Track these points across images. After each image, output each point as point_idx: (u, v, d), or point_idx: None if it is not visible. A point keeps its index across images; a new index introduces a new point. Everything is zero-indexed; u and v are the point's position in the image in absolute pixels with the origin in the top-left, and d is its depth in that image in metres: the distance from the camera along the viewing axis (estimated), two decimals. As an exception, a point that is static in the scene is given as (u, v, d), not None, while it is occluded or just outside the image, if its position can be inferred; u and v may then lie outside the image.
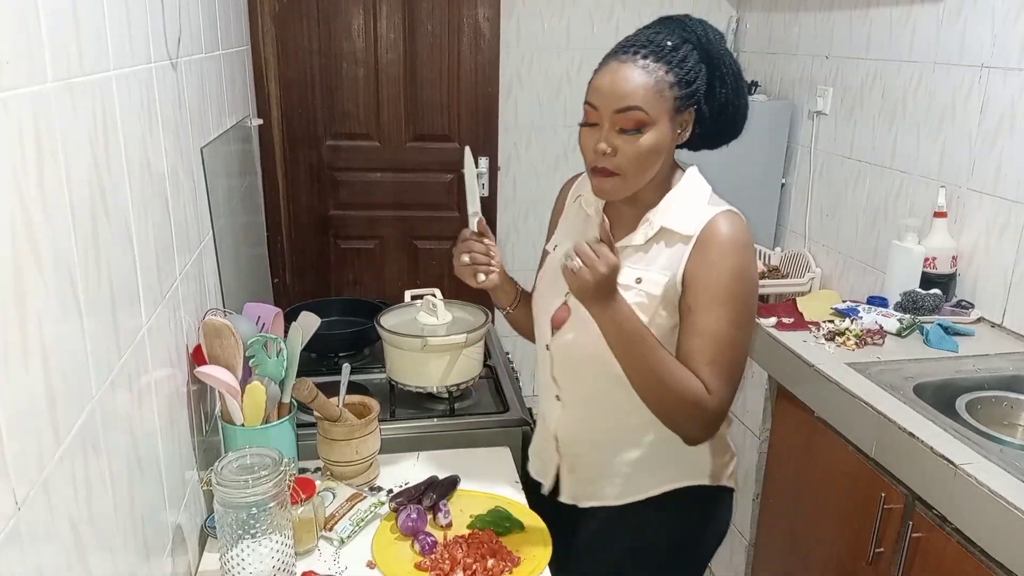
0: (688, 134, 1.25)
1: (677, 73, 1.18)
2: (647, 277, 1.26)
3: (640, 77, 1.17)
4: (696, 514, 1.40)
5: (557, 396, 1.39)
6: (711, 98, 1.24)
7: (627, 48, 1.20)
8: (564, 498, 1.43)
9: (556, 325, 1.35)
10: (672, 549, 1.39)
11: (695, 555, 1.44)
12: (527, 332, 1.51)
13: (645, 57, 1.18)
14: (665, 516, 1.36)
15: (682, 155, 1.33)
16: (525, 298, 1.50)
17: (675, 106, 1.20)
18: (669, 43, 1.20)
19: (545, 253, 1.47)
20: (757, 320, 1.96)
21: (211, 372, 1.31)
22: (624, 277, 1.25)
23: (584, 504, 1.41)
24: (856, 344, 1.86)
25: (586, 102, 1.22)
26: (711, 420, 1.25)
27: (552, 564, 1.29)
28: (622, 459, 1.34)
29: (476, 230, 1.40)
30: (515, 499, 1.44)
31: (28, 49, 0.74)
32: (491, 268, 1.40)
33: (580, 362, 1.33)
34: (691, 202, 1.27)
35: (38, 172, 0.74)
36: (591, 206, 1.37)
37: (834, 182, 2.59)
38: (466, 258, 1.38)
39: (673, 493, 1.35)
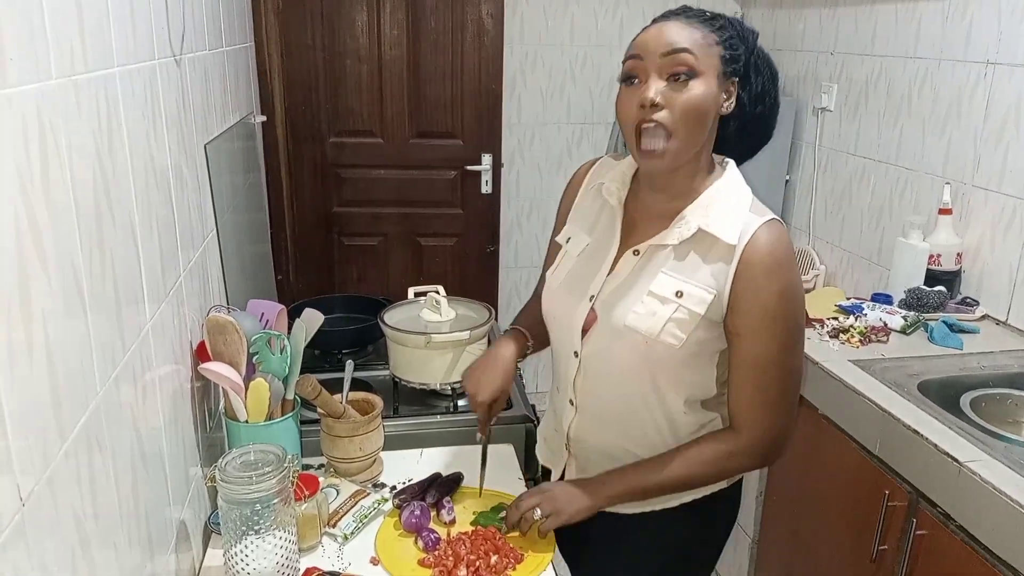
0: (732, 105, 1.17)
1: (721, 36, 1.14)
2: (689, 292, 1.17)
3: (686, 30, 1.13)
4: (711, 518, 1.38)
5: (571, 400, 1.33)
6: (746, 83, 1.18)
7: (668, 14, 1.17)
8: None
9: (584, 329, 1.27)
10: (687, 550, 1.38)
11: (709, 551, 1.43)
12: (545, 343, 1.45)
13: (690, 19, 1.15)
14: (681, 525, 1.34)
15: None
16: (534, 336, 1.44)
17: (722, 68, 1.13)
18: (709, 14, 1.17)
19: (555, 245, 1.38)
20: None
21: (215, 369, 1.31)
22: (663, 288, 1.18)
23: None
24: (860, 341, 1.85)
25: (627, 57, 1.15)
26: (754, 455, 1.22)
27: (566, 557, 1.29)
28: None
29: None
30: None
31: (32, 46, 0.74)
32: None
33: (606, 373, 1.27)
34: (732, 205, 1.18)
35: (42, 169, 0.74)
36: (613, 196, 1.27)
37: (839, 179, 2.58)
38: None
39: (688, 504, 1.32)
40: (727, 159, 1.24)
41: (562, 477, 1.41)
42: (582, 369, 1.29)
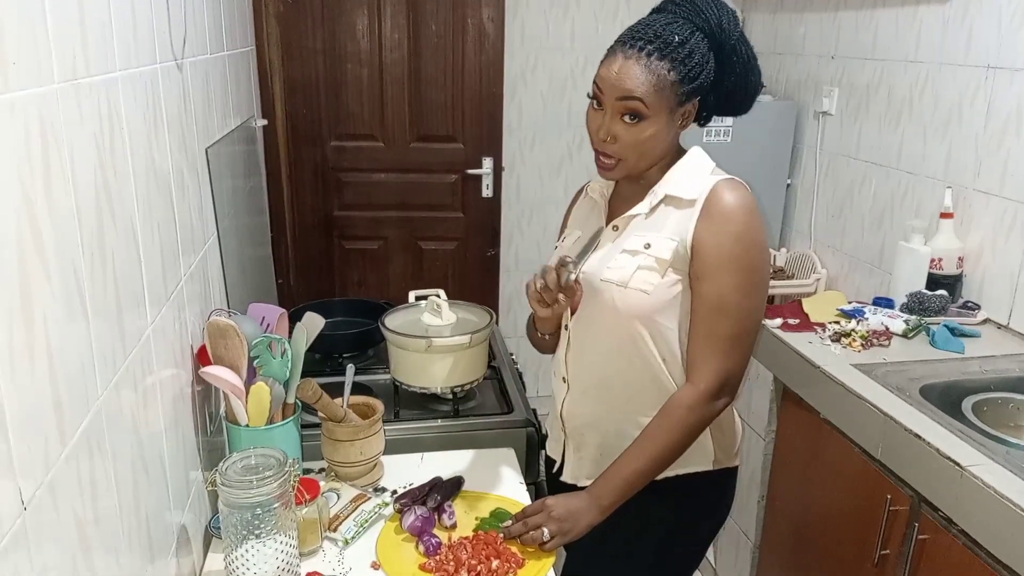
0: (691, 122, 1.29)
1: (681, 70, 1.21)
2: (656, 242, 1.28)
3: (642, 74, 1.21)
4: (698, 500, 1.41)
5: (564, 378, 1.42)
6: (718, 86, 1.27)
7: (634, 42, 1.22)
8: (565, 478, 1.46)
9: (573, 304, 1.36)
10: (672, 532, 1.41)
11: (695, 538, 1.47)
12: (547, 350, 1.51)
13: (650, 55, 1.20)
14: (667, 501, 1.37)
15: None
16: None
17: (677, 101, 1.23)
18: (677, 38, 1.21)
19: (556, 248, 1.48)
20: (762, 321, 1.96)
21: (216, 373, 1.31)
22: (633, 243, 1.29)
23: (584, 484, 1.41)
24: (862, 345, 1.85)
25: (594, 80, 1.26)
26: (706, 401, 1.27)
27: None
28: (625, 442, 1.34)
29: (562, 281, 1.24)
30: (520, 500, 1.44)
31: (34, 50, 0.74)
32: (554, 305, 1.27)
33: (590, 338, 1.35)
34: (694, 173, 1.30)
35: (44, 173, 0.74)
36: (596, 191, 1.41)
37: (840, 183, 2.58)
38: (540, 284, 1.25)
39: (675, 479, 1.36)
40: (694, 147, 1.35)
41: (562, 460, 1.48)
42: (571, 342, 1.38)
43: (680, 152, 1.34)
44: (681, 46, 1.21)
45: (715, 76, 1.25)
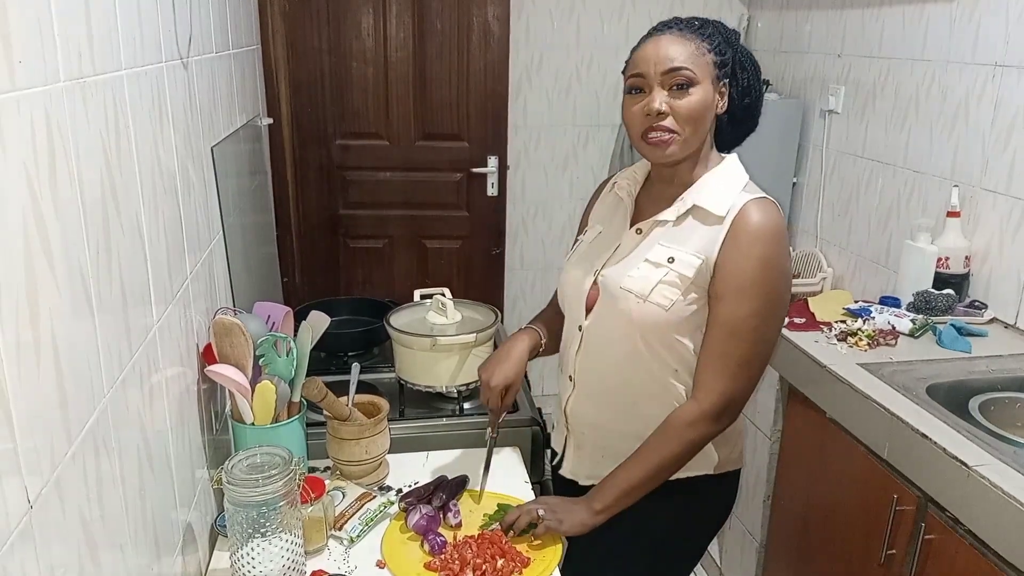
0: (725, 105, 1.29)
1: (711, 44, 1.26)
2: (680, 257, 1.27)
3: (681, 44, 1.25)
4: (698, 503, 1.42)
5: (570, 376, 1.42)
6: (735, 81, 1.30)
7: (665, 26, 1.28)
8: (564, 472, 1.47)
9: (589, 306, 1.37)
10: (671, 533, 1.42)
11: (694, 539, 1.48)
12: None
13: (681, 31, 1.26)
14: (667, 504, 1.37)
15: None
16: (548, 335, 1.52)
17: (714, 72, 1.25)
18: (698, 23, 1.28)
19: (577, 241, 1.49)
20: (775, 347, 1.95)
21: (221, 371, 1.31)
22: (656, 254, 1.29)
23: (584, 483, 1.43)
24: (868, 345, 1.84)
25: (630, 75, 1.27)
26: (708, 420, 1.27)
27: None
28: (627, 445, 1.34)
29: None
30: (524, 499, 1.44)
31: (41, 49, 0.74)
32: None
33: (604, 343, 1.35)
34: (726, 185, 1.29)
35: (50, 171, 0.74)
36: (624, 190, 1.41)
37: (846, 181, 2.58)
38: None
39: (676, 482, 1.35)
40: (732, 155, 1.35)
41: (563, 454, 1.49)
42: (584, 343, 1.38)
43: (712, 151, 1.33)
44: (703, 27, 1.27)
45: (731, 71, 1.29)
